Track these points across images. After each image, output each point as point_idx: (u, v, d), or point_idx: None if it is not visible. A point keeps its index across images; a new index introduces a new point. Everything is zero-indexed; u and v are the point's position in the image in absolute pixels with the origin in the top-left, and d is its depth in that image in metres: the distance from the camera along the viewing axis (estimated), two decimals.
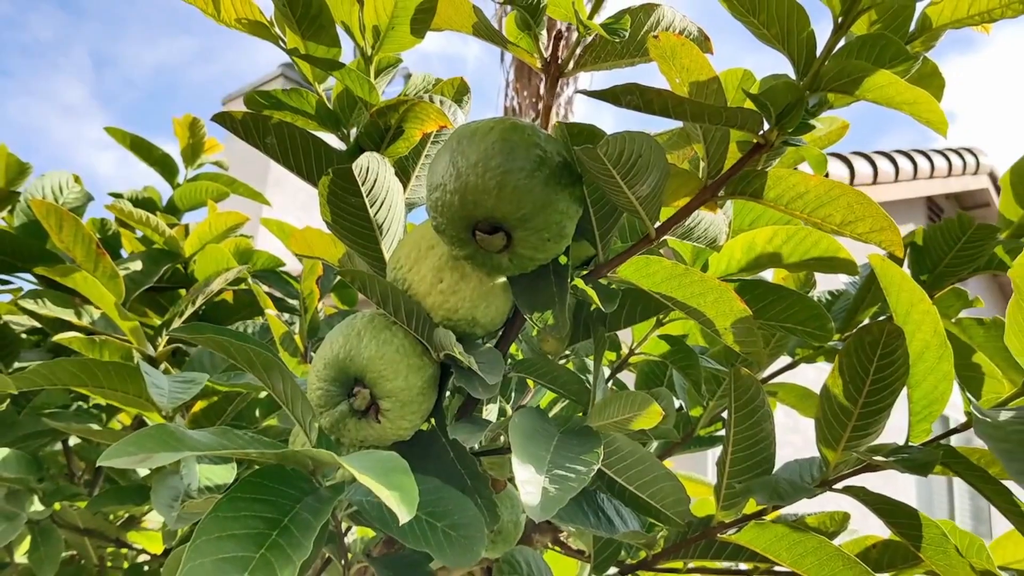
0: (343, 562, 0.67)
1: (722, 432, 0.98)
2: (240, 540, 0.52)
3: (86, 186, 1.25)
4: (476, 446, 0.76)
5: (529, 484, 0.55)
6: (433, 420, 0.69)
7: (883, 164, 5.47)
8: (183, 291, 1.14)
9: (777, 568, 0.81)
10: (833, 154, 5.05)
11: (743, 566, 0.81)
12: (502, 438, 0.77)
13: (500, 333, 0.67)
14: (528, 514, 0.54)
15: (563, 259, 0.62)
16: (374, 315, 0.64)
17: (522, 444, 0.58)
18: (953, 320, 0.91)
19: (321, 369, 0.64)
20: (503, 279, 0.63)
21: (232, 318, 1.12)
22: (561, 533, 0.91)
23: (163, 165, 1.63)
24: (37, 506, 0.87)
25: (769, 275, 0.92)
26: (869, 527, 0.84)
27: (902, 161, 5.68)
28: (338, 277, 1.20)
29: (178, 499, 0.78)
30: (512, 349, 0.81)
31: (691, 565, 0.83)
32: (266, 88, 0.83)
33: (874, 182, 5.29)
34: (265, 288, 1.19)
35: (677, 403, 1.00)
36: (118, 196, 1.45)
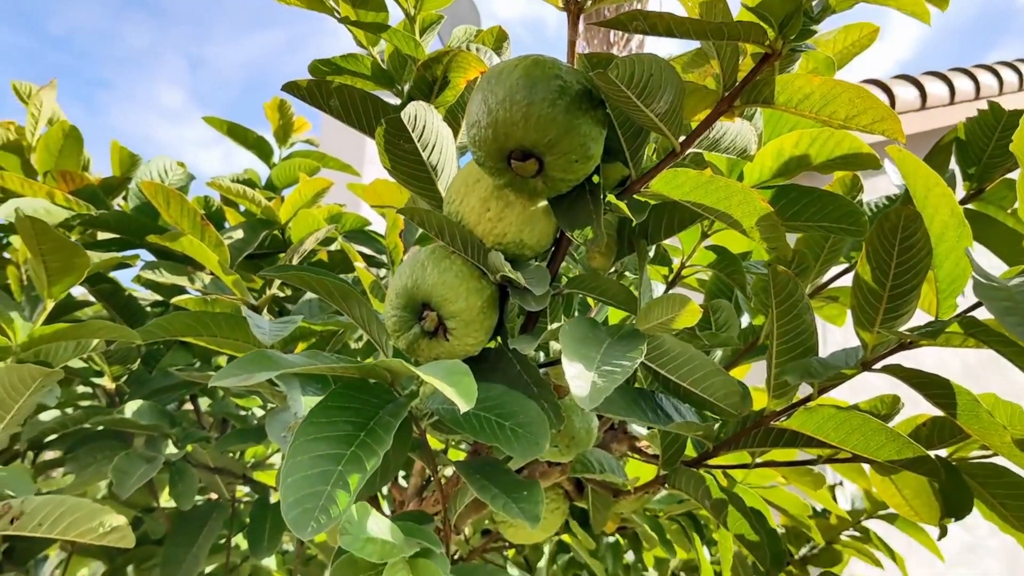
0: (431, 468, 0.76)
1: None
2: (332, 441, 0.61)
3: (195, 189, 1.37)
4: (541, 358, 0.84)
5: (578, 379, 0.62)
6: (499, 338, 0.77)
7: (961, 83, 5.16)
8: (282, 255, 1.25)
9: (842, 454, 0.86)
10: (902, 76, 4.80)
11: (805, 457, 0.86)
12: None
13: (549, 254, 0.74)
14: (578, 404, 0.61)
15: (595, 179, 0.69)
16: (435, 247, 0.72)
17: (572, 346, 0.65)
18: (1009, 211, 0.93)
19: (393, 298, 0.72)
20: (544, 203, 0.70)
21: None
22: (638, 442, 0.98)
23: (259, 148, 1.75)
24: (172, 449, 0.99)
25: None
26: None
27: (985, 77, 5.33)
28: (420, 230, 1.29)
29: (286, 435, 0.89)
30: (568, 271, 0.88)
31: (759, 460, 0.89)
32: None
33: (951, 102, 5.01)
34: (356, 247, 1.29)
35: (745, 320, 1.05)
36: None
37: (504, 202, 0.69)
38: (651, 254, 0.89)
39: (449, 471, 0.95)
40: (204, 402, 1.28)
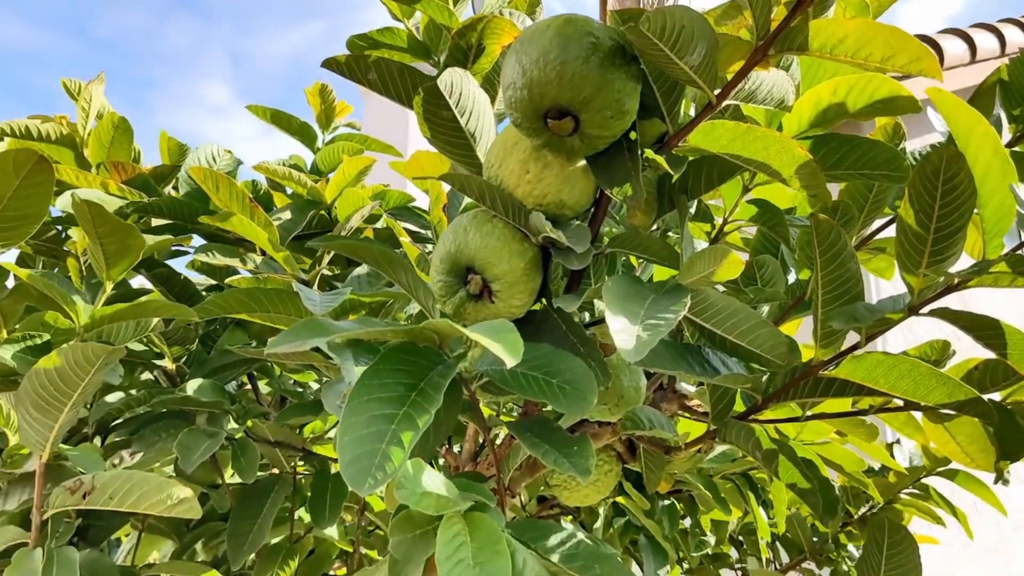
0: (483, 429, 0.78)
1: None
2: (385, 401, 0.63)
3: (241, 175, 1.40)
4: (586, 319, 0.85)
5: (623, 332, 0.63)
6: (544, 300, 0.78)
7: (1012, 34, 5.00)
8: (329, 235, 1.28)
9: (893, 403, 0.86)
10: (950, 30, 4.65)
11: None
12: None
13: (590, 214, 0.75)
14: (624, 357, 0.62)
15: (632, 135, 0.69)
16: (477, 212, 0.74)
17: (616, 302, 0.66)
18: None
19: (438, 264, 0.74)
20: (582, 163, 0.71)
21: None
22: (688, 400, 0.98)
23: (302, 133, 1.77)
24: (232, 425, 1.02)
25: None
26: None
27: None
28: (463, 205, 1.30)
29: (341, 403, 0.91)
30: (609, 234, 0.89)
31: (809, 412, 0.90)
32: None
33: (1002, 54, 4.85)
34: (401, 223, 1.31)
35: (791, 278, 1.05)
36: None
37: (543, 163, 0.70)
38: (692, 211, 0.90)
39: (502, 436, 0.96)
40: (262, 383, 1.32)
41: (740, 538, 1.93)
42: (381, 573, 0.69)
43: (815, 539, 1.85)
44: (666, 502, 1.44)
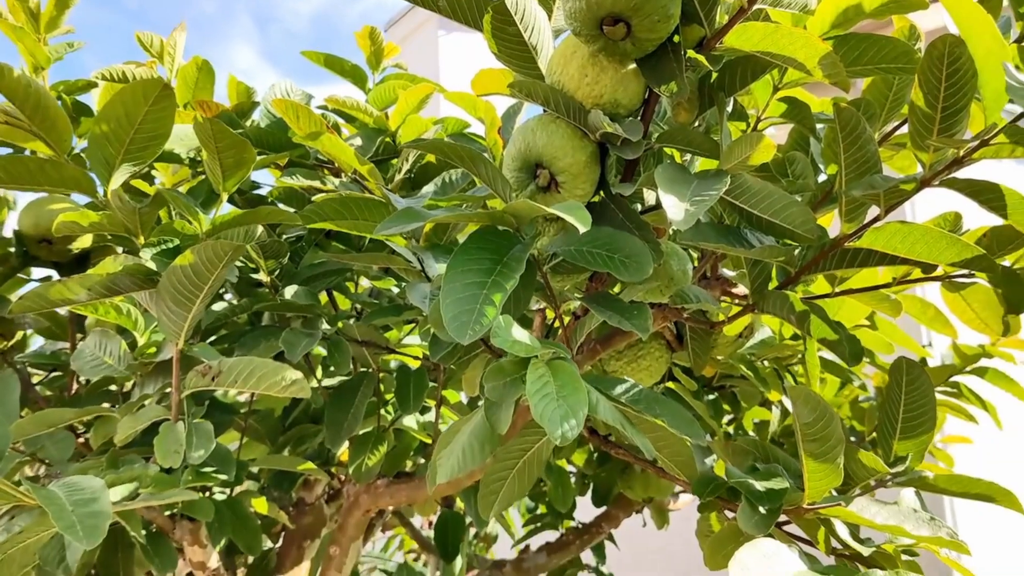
0: (554, 305, 0.90)
1: None
2: (475, 272, 0.75)
3: None
4: (640, 206, 0.96)
5: (674, 207, 0.75)
6: (602, 192, 0.89)
7: None
8: (395, 161, 1.40)
9: (914, 274, 0.97)
10: None
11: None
12: None
13: (640, 113, 0.86)
14: (674, 225, 0.74)
15: (676, 39, 0.80)
16: (541, 115, 0.85)
17: (666, 184, 0.77)
18: None
19: (510, 162, 0.86)
20: (633, 66, 0.82)
21: (435, 175, 1.36)
22: (730, 287, 1.10)
23: (354, 75, 1.88)
24: (325, 326, 1.16)
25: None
26: None
27: None
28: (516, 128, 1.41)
29: (426, 297, 1.04)
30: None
31: (838, 288, 1.01)
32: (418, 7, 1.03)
33: None
34: None
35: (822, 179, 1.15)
36: None
37: (599, 67, 0.81)
38: (729, 109, 1.00)
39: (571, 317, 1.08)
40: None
41: (781, 440, 2.05)
42: (474, 418, 0.82)
43: (852, 439, 1.96)
44: (711, 396, 1.56)
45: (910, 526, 0.68)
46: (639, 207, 0.97)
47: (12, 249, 1.31)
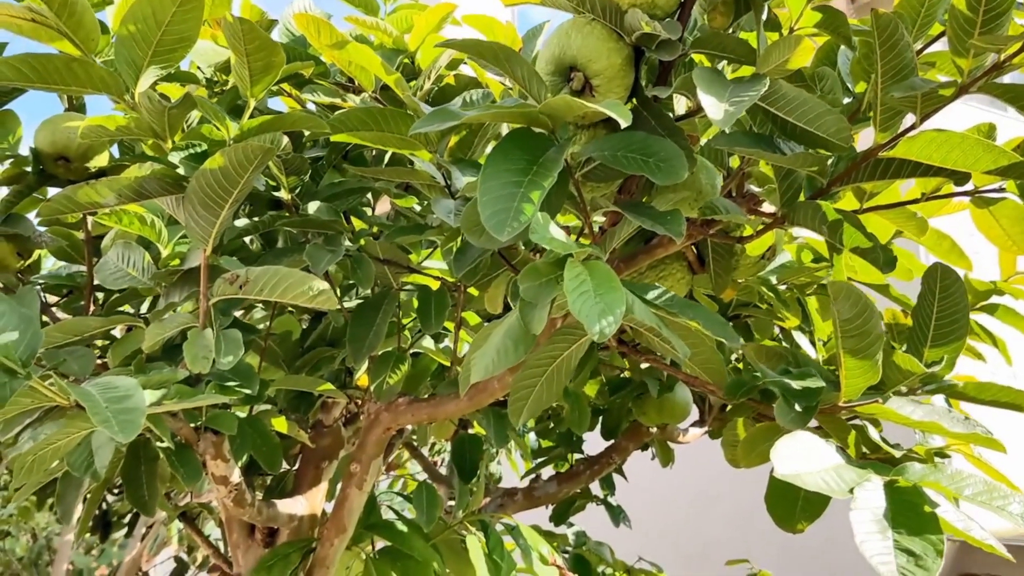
0: (585, 214, 0.90)
1: None
2: (512, 171, 0.74)
3: None
4: (672, 114, 0.96)
5: (713, 107, 0.74)
6: (635, 100, 0.89)
7: None
8: (414, 82, 1.39)
9: (944, 189, 0.96)
10: None
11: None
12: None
13: (678, 13, 0.85)
14: (714, 124, 0.73)
15: None
16: (575, 18, 0.84)
17: (705, 85, 0.76)
18: None
19: (544, 66, 0.85)
20: None
21: (456, 95, 1.35)
22: (757, 205, 1.09)
23: (366, 5, 1.86)
24: (347, 244, 1.16)
25: None
26: None
27: None
28: (533, 54, 1.40)
29: (451, 212, 1.03)
30: None
31: (866, 205, 1.00)
32: None
33: None
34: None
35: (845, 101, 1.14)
36: None
37: None
38: (764, 17, 0.98)
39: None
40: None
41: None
42: (507, 320, 0.82)
43: None
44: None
45: (946, 423, 0.68)
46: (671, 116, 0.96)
47: (28, 168, 1.30)
